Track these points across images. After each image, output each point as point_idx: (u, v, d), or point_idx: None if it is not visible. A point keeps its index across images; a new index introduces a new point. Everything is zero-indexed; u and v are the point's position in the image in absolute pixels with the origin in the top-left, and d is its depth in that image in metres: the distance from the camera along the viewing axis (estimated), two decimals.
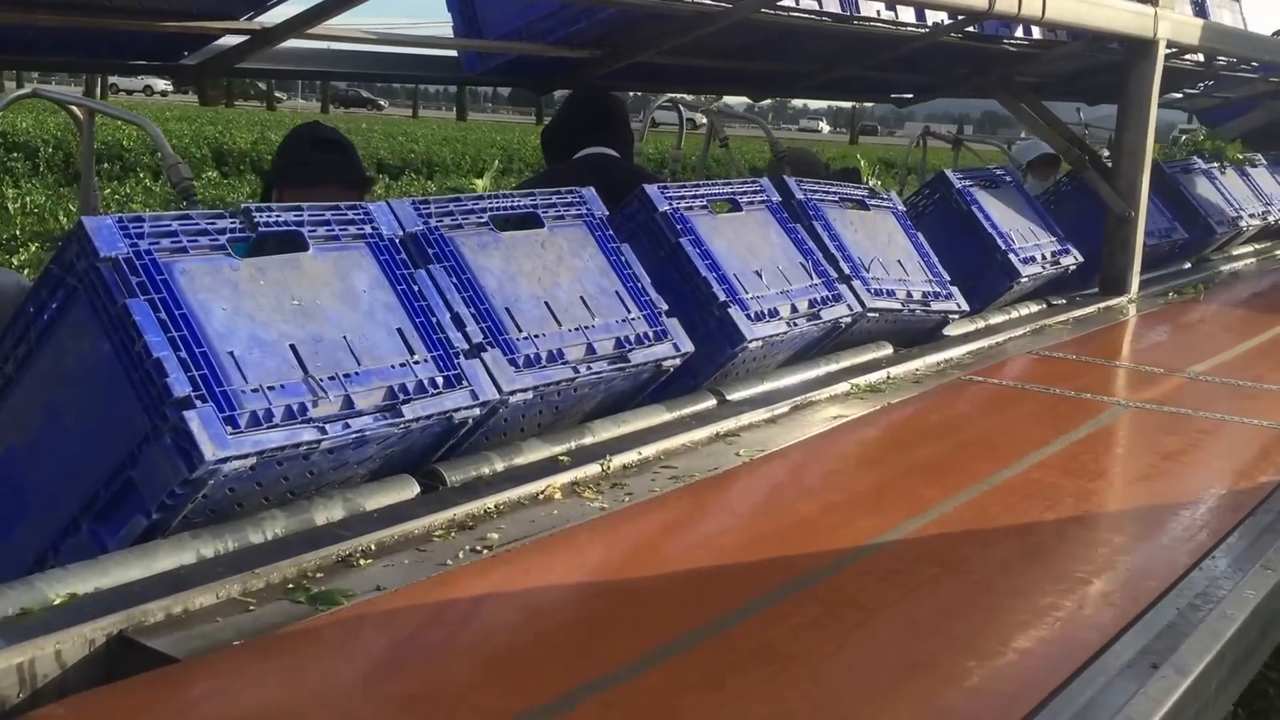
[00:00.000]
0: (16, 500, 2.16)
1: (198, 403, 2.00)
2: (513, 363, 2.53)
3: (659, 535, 2.38)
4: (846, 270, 3.66)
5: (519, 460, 2.57)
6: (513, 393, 2.49)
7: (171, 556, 1.95)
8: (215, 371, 2.06)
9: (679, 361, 2.95)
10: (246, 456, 2.02)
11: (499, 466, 2.52)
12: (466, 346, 2.47)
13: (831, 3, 4.19)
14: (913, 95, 6.36)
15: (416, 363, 2.36)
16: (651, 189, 3.31)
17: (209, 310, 2.14)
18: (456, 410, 2.37)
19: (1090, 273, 5.50)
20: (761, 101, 6.22)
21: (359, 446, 2.24)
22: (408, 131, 28.60)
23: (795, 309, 3.37)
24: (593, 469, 2.59)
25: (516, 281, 2.68)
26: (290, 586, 1.96)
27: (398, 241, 2.52)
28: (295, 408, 2.12)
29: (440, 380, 2.37)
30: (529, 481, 2.47)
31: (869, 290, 3.70)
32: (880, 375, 3.59)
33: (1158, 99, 5.46)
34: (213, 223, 2.27)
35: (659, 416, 2.94)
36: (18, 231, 10.95)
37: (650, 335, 2.88)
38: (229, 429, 2.02)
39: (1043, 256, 4.92)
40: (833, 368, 3.57)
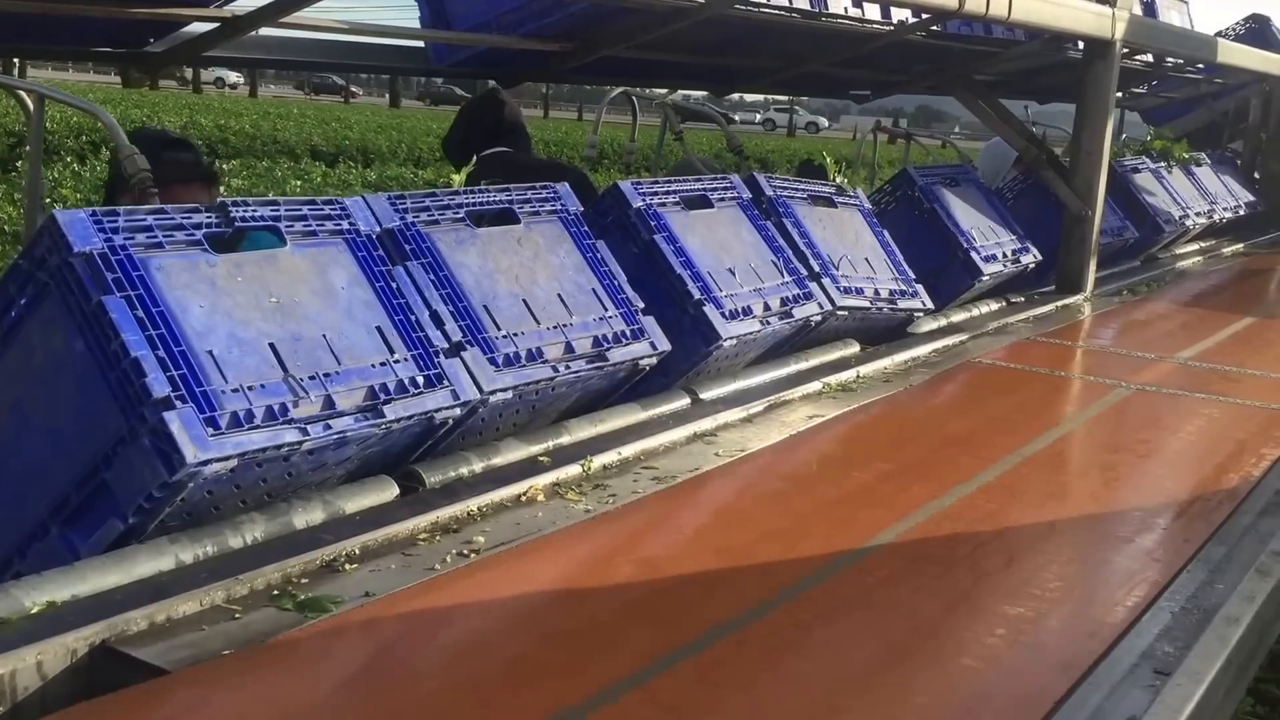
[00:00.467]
0: None
1: (178, 403, 1.95)
2: (493, 362, 2.49)
3: (648, 538, 2.35)
4: (816, 268, 3.65)
5: (498, 461, 2.52)
6: (493, 392, 2.45)
7: (150, 562, 1.89)
8: (194, 371, 2.00)
9: (655, 360, 2.92)
10: (228, 458, 1.97)
11: (478, 467, 2.48)
12: (446, 345, 2.42)
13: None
14: (871, 92, 6.38)
15: (397, 362, 2.31)
16: (626, 185, 3.27)
17: (186, 308, 2.08)
18: (438, 410, 2.32)
19: (1044, 270, 5.54)
20: (725, 97, 6.18)
21: (339, 447, 2.19)
22: (341, 118, 28.17)
23: (768, 307, 3.35)
24: (574, 470, 2.55)
25: (494, 279, 2.64)
26: (276, 593, 1.90)
27: (375, 238, 2.47)
28: (276, 408, 2.07)
29: (421, 380, 2.33)
30: (510, 483, 2.43)
31: (838, 288, 3.69)
32: (850, 374, 3.58)
33: (1114, 99, 5.50)
34: (188, 217, 2.20)
35: (635, 416, 2.90)
36: None
37: (627, 334, 2.85)
38: (210, 430, 1.96)
39: (1004, 255, 4.94)
40: (803, 366, 3.56)
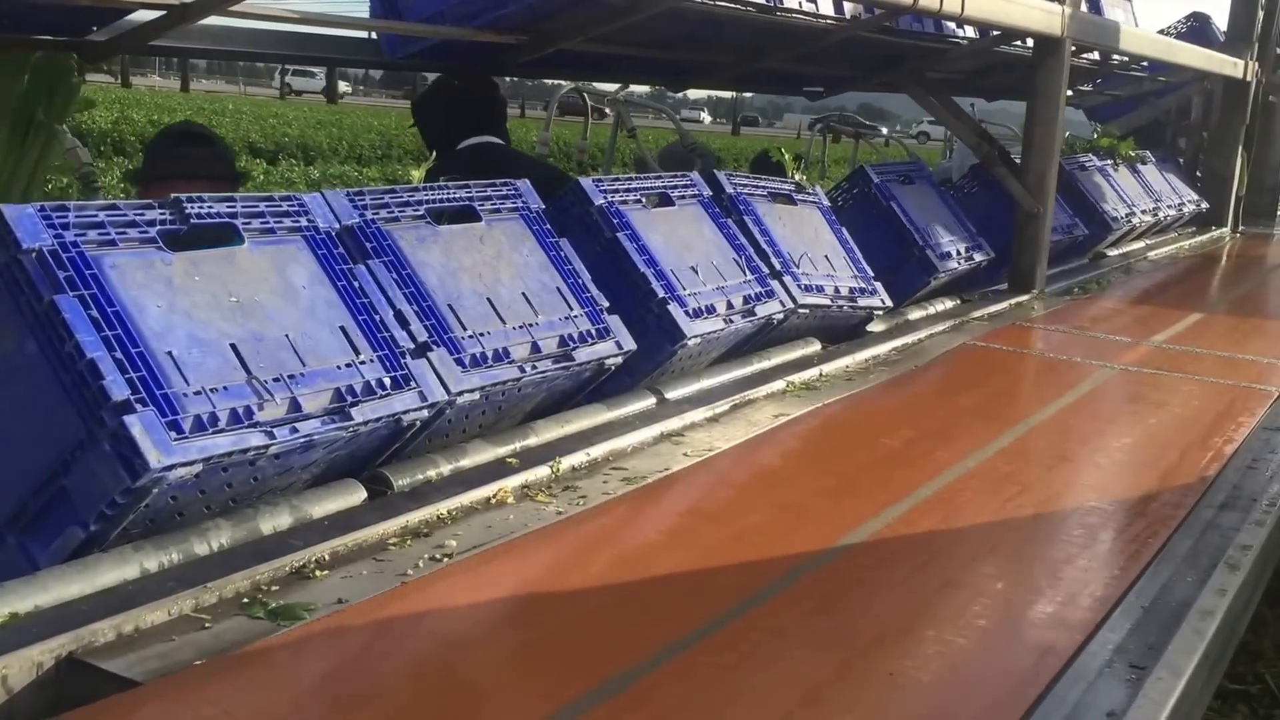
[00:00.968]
0: None
1: (138, 406, 1.88)
2: (459, 362, 2.44)
3: (620, 540, 2.31)
4: (777, 266, 3.64)
5: (465, 463, 2.48)
6: (460, 393, 2.41)
7: (114, 571, 1.82)
8: (154, 373, 1.94)
9: (621, 360, 2.89)
10: (192, 463, 1.91)
11: (445, 470, 2.44)
12: (412, 346, 2.38)
13: None
14: (824, 88, 6.38)
15: (362, 363, 2.26)
16: (586, 182, 3.24)
17: (143, 307, 2.01)
18: (406, 412, 2.28)
19: (995, 269, 5.58)
20: (677, 93, 6.16)
21: (306, 451, 2.14)
22: (278, 114, 27.84)
23: (731, 305, 3.33)
24: (542, 471, 2.51)
25: (458, 277, 2.59)
26: (246, 601, 1.85)
27: (334, 235, 2.42)
28: (241, 411, 2.01)
29: (388, 381, 2.28)
30: (479, 485, 2.38)
31: (799, 286, 3.67)
32: (813, 372, 3.57)
33: (1064, 96, 5.55)
34: (141, 213, 2.14)
35: (602, 416, 2.87)
36: None
37: (593, 333, 2.81)
38: (173, 434, 1.90)
39: (958, 252, 4.97)
40: (766, 365, 3.54)
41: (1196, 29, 10.14)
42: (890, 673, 1.83)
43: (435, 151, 4.09)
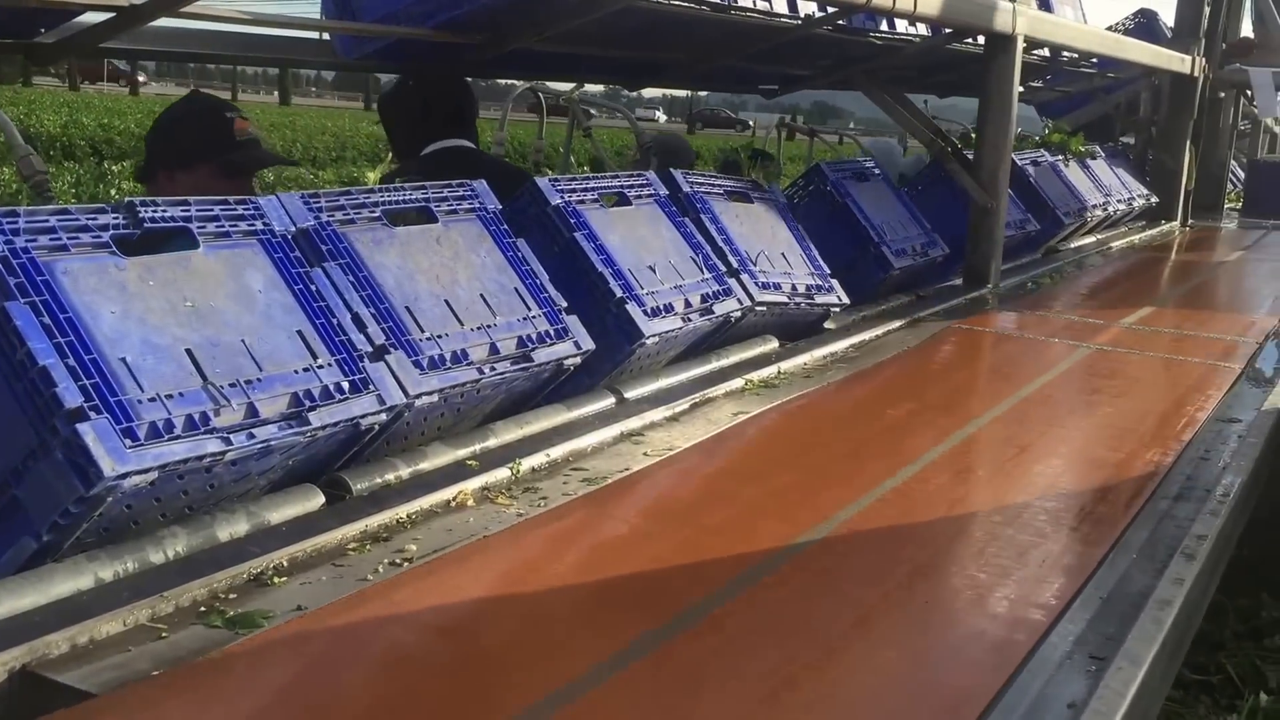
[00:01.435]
0: None
1: (91, 414, 1.86)
2: (417, 365, 2.43)
3: (582, 541, 2.31)
4: (735, 264, 3.64)
5: (424, 466, 2.47)
6: (419, 396, 2.39)
7: (68, 581, 1.80)
8: (108, 380, 1.91)
9: (580, 360, 2.88)
10: (148, 471, 1.88)
11: (404, 473, 2.42)
12: (370, 349, 2.36)
13: None
14: (779, 86, 6.40)
15: (320, 367, 2.24)
16: (543, 182, 3.23)
17: (96, 314, 1.99)
18: (364, 416, 2.26)
19: (949, 264, 5.62)
20: (632, 91, 6.16)
21: (264, 457, 2.12)
22: None
23: (689, 304, 3.33)
24: (502, 473, 2.51)
25: (415, 279, 2.58)
26: (203, 609, 1.83)
27: (290, 238, 2.40)
28: (197, 417, 1.99)
29: (346, 385, 2.26)
30: (439, 488, 2.37)
31: (757, 284, 3.68)
32: (772, 370, 3.58)
33: (1017, 92, 5.60)
34: (93, 218, 2.11)
35: (561, 416, 2.86)
36: None
37: (552, 333, 2.81)
38: (128, 442, 1.87)
39: (913, 249, 5.00)
40: (724, 363, 3.54)
41: (1144, 25, 10.26)
42: (849, 669, 1.84)
43: (402, 156, 4.02)
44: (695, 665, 1.78)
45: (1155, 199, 8.98)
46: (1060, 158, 7.59)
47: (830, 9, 4.78)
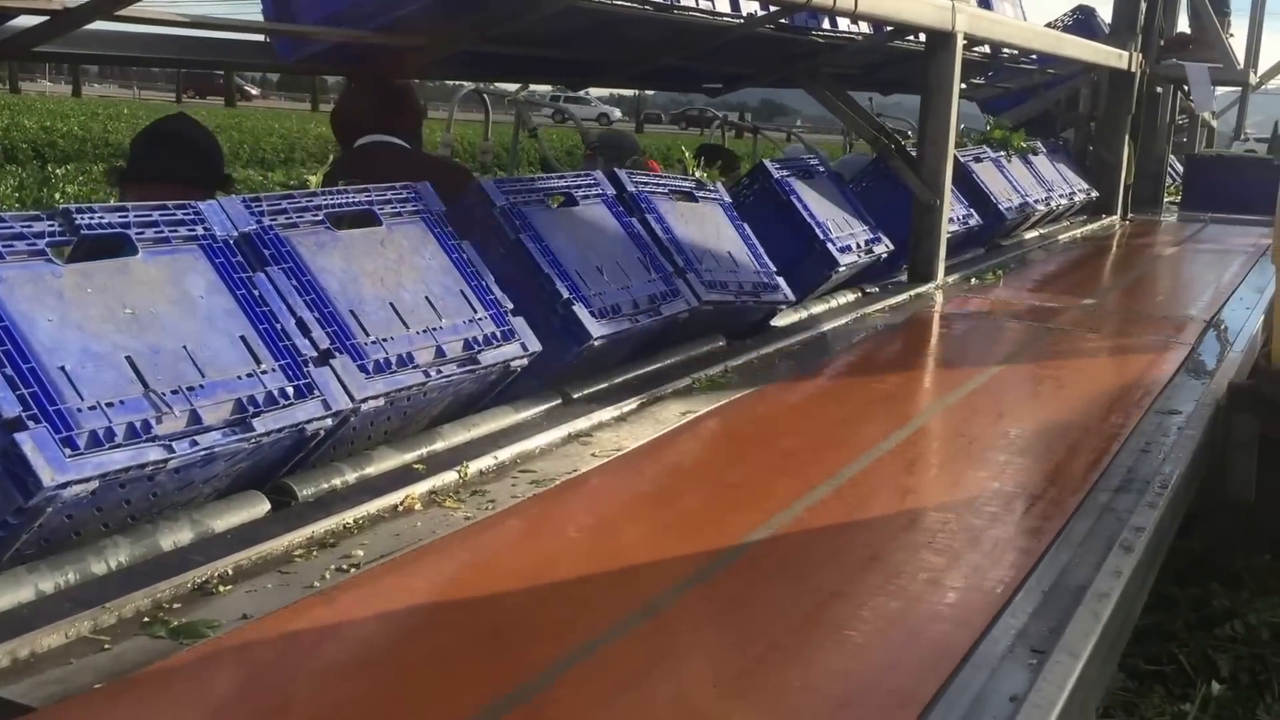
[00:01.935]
0: None
1: (30, 424, 1.83)
2: (363, 369, 2.42)
3: (530, 544, 2.30)
4: (681, 263, 3.65)
5: (371, 470, 2.45)
6: (365, 400, 2.38)
7: (8, 594, 1.77)
8: (47, 389, 1.89)
9: (527, 362, 2.88)
10: (88, 480, 1.86)
11: (351, 478, 2.41)
12: (315, 354, 2.34)
13: None
14: (722, 85, 6.42)
15: (264, 372, 2.22)
16: (489, 183, 3.22)
17: (33, 322, 1.96)
18: (309, 421, 2.24)
19: (894, 260, 5.66)
20: (577, 91, 6.15)
21: (207, 464, 2.10)
22: None
23: (636, 304, 3.34)
24: (450, 476, 2.50)
25: (359, 283, 2.56)
26: (147, 620, 1.81)
27: (232, 243, 2.38)
28: (138, 425, 1.97)
29: (290, 390, 2.24)
30: (385, 493, 2.36)
31: (703, 283, 3.69)
32: (719, 368, 3.60)
33: (958, 89, 5.65)
34: (28, 225, 2.08)
35: (508, 418, 2.86)
36: None
37: (498, 335, 2.80)
38: (67, 451, 1.85)
39: (858, 245, 5.03)
40: (672, 362, 3.55)
41: (1083, 22, 10.40)
42: (797, 665, 1.85)
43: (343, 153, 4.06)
44: (644, 664, 1.79)
45: (1096, 193, 9.10)
46: (1002, 154, 7.67)
47: (772, 8, 4.80)
